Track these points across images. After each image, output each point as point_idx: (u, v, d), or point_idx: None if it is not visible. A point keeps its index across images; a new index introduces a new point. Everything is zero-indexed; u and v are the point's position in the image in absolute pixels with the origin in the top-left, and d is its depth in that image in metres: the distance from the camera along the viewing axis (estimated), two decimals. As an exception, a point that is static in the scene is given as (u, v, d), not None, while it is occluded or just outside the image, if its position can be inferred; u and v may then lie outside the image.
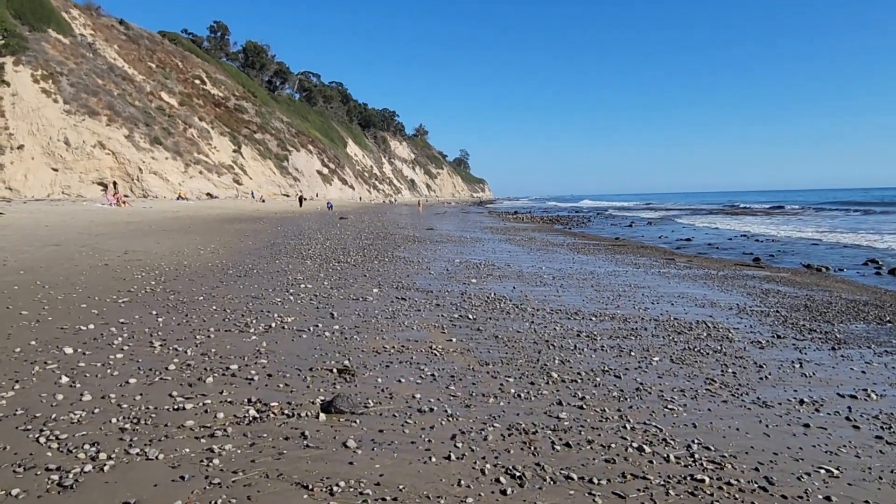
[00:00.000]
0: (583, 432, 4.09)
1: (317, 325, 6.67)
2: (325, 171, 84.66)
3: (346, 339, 6.17)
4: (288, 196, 65.53)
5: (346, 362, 5.31)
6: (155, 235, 16.97)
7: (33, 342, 5.32)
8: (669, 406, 4.70)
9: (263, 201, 52.52)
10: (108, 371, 4.64)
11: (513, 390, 4.89)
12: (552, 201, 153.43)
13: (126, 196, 39.75)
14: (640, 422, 4.35)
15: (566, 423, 4.22)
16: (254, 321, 6.71)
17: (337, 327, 6.66)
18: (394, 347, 5.94)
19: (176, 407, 3.99)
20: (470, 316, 7.72)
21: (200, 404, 4.07)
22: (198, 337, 5.85)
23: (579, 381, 5.26)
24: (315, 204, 56.69)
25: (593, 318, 7.98)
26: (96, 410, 3.84)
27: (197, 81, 70.63)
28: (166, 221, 23.15)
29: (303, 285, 9.44)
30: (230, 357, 5.23)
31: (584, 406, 4.61)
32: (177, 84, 64.59)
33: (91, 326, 5.99)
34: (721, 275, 13.58)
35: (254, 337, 5.97)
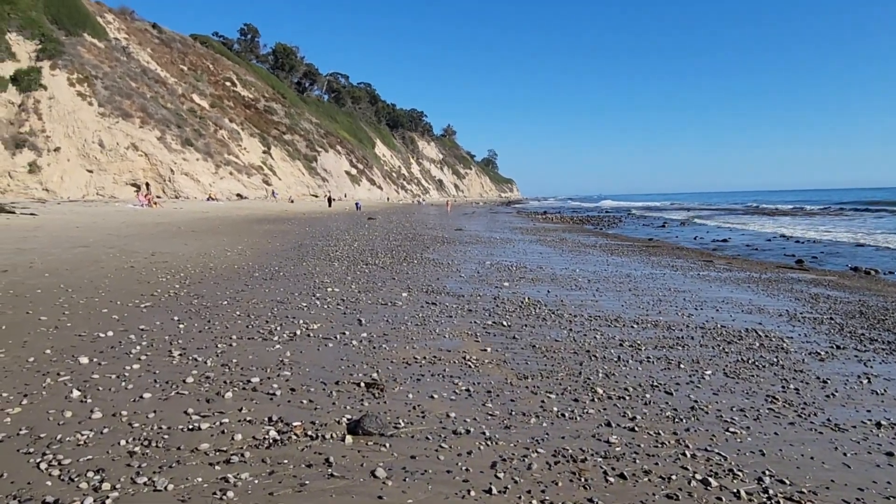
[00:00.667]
0: (637, 460, 3.65)
1: (343, 333, 6.33)
2: (354, 171, 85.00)
3: (374, 348, 5.82)
4: (316, 196, 65.89)
5: (375, 375, 4.95)
6: (183, 237, 16.94)
7: (48, 350, 5.08)
8: (731, 429, 4.22)
9: (292, 201, 52.83)
10: (123, 384, 4.36)
11: (555, 408, 4.47)
12: (578, 201, 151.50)
13: (158, 197, 40.33)
14: (701, 448, 3.89)
15: (618, 449, 3.79)
16: (278, 328, 6.40)
17: (365, 335, 6.31)
18: (425, 358, 5.56)
19: (191, 427, 3.67)
20: (504, 323, 7.30)
21: (217, 423, 3.75)
22: (219, 345, 5.56)
23: (627, 397, 4.81)
24: (343, 204, 56.86)
25: (635, 326, 7.50)
26: (105, 430, 3.54)
27: (227, 83, 71.55)
28: (195, 222, 23.23)
29: (330, 289, 9.14)
30: (252, 368, 4.92)
31: (636, 428, 4.17)
32: (208, 86, 65.51)
33: (110, 333, 5.75)
34: (765, 278, 12.92)
35: (277, 346, 5.65)
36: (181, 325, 6.23)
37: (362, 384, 4.69)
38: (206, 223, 23.07)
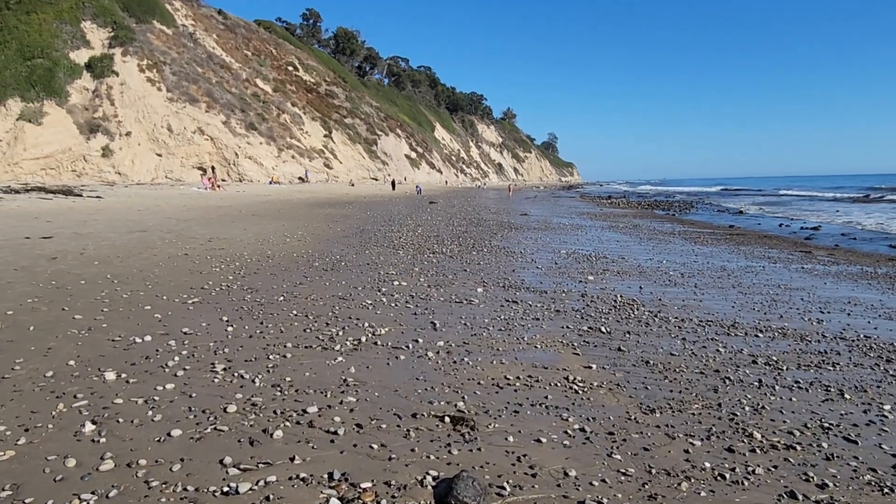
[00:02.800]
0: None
1: (416, 341, 5.30)
2: (413, 154, 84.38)
3: (454, 362, 4.75)
4: (376, 180, 65.66)
5: (461, 404, 3.87)
6: (243, 221, 16.44)
7: (72, 362, 4.27)
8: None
9: (353, 185, 52.65)
10: (150, 414, 3.45)
11: (708, 464, 3.27)
12: (643, 185, 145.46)
13: (223, 180, 40.80)
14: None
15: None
16: (340, 333, 5.43)
17: (441, 343, 5.25)
18: (518, 378, 4.45)
19: (226, 489, 2.68)
20: (602, 329, 6.09)
21: (261, 483, 2.75)
22: (271, 357, 4.62)
23: (797, 446, 3.55)
24: (404, 188, 56.26)
25: (759, 335, 6.14)
26: (112, 495, 2.62)
27: (290, 68, 72.01)
28: (257, 206, 22.89)
29: (396, 282, 8.15)
30: (308, 391, 3.94)
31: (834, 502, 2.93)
32: (271, 71, 66.04)
33: (147, 338, 4.91)
34: (882, 273, 11.10)
35: (340, 358, 4.67)
36: (229, 329, 5.34)
37: (447, 418, 3.63)
38: (267, 207, 22.69)
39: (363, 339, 5.25)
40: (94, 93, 41.17)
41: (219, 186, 33.35)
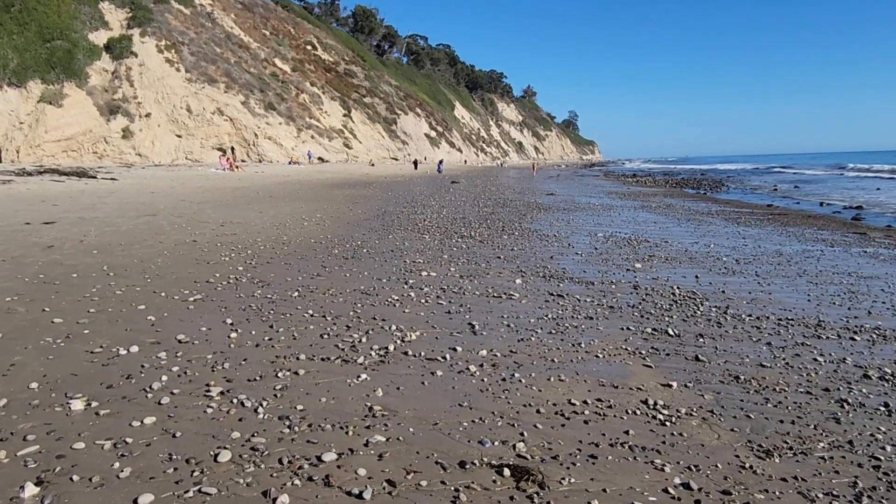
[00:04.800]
0: None
1: (454, 349, 4.41)
2: (433, 134, 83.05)
3: (503, 379, 3.86)
4: (396, 160, 64.67)
5: (521, 445, 2.98)
6: (260, 203, 15.66)
7: (35, 384, 3.45)
8: None
9: (373, 165, 51.76)
10: (115, 466, 2.60)
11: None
12: (666, 163, 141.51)
13: (243, 161, 40.22)
14: None
15: None
16: (363, 338, 4.57)
17: (484, 353, 4.36)
18: (585, 402, 3.54)
19: None
20: (670, 331, 5.14)
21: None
22: (280, 374, 3.77)
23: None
24: (425, 167, 55.20)
25: (855, 337, 5.15)
26: None
27: (308, 47, 70.87)
28: (275, 187, 22.12)
29: (424, 273, 7.26)
30: (324, 426, 3.08)
31: None
32: (289, 50, 64.99)
33: (134, 349, 4.09)
34: (961, 259, 9.93)
35: (363, 375, 3.79)
36: (232, 336, 4.50)
37: (505, 470, 2.74)
38: (285, 188, 21.91)
39: (391, 347, 4.38)
40: (114, 74, 40.70)
41: (237, 167, 32.71)
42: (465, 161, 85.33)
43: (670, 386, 3.86)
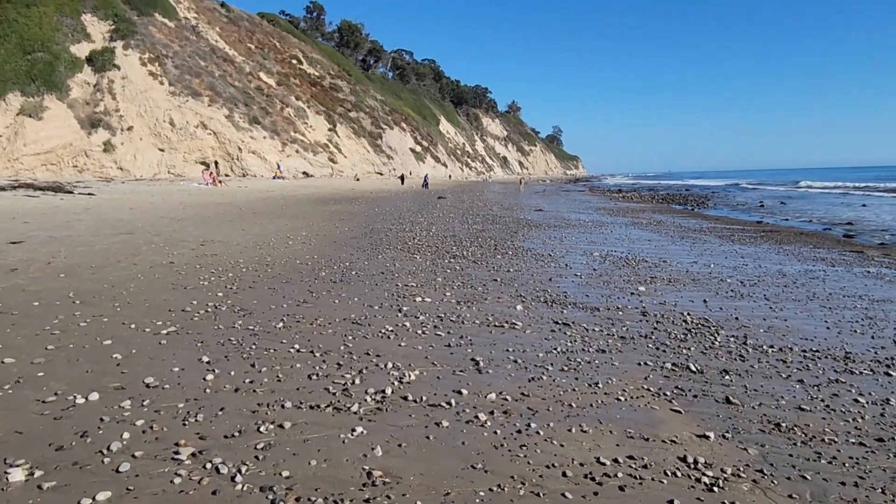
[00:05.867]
0: None
1: (459, 392, 3.94)
2: (419, 148, 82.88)
3: (518, 431, 3.39)
4: (381, 174, 64.27)
5: (548, 521, 2.53)
6: (242, 220, 15.09)
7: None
8: None
9: (358, 179, 51.28)
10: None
11: None
12: (650, 178, 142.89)
13: (226, 175, 39.53)
14: None
15: None
16: (357, 380, 4.08)
17: (493, 396, 3.90)
18: (616, 461, 3.08)
19: None
20: (692, 366, 4.73)
21: None
22: (262, 428, 3.25)
23: None
24: (411, 182, 54.82)
25: (891, 373, 4.78)
26: None
27: (294, 61, 70.56)
28: (258, 202, 21.52)
29: (418, 298, 6.79)
30: (315, 497, 2.57)
31: None
32: (274, 64, 64.60)
33: (94, 397, 3.56)
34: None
35: (359, 428, 3.30)
36: (209, 377, 3.98)
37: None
38: (269, 204, 21.33)
39: (388, 390, 3.89)
40: (96, 87, 39.91)
41: (220, 182, 32.04)
42: (450, 176, 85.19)
43: (707, 437, 3.43)
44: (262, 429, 3.26)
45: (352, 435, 3.24)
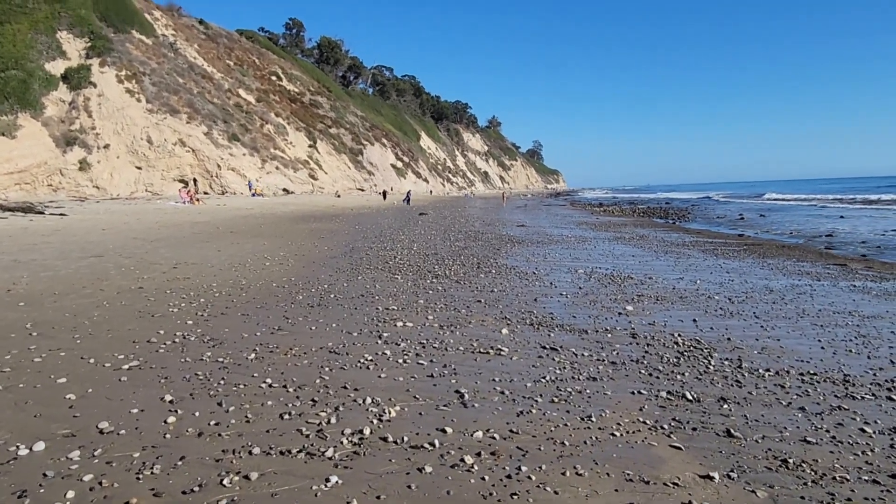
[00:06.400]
0: None
1: (443, 431, 3.66)
2: (399, 164, 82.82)
3: (507, 477, 3.12)
4: (363, 191, 63.96)
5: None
6: (219, 240, 14.68)
7: None
8: None
9: (339, 196, 50.92)
10: None
11: None
12: (627, 192, 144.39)
13: (205, 193, 38.93)
14: None
15: None
16: (332, 418, 3.78)
17: (480, 435, 3.63)
18: (612, 507, 2.84)
19: None
20: (688, 395, 4.50)
21: None
22: (226, 481, 2.94)
23: None
24: (393, 198, 54.59)
25: (893, 396, 4.61)
26: None
27: (273, 78, 70.29)
28: (237, 221, 21.09)
29: (399, 323, 6.51)
30: (282, 566, 2.31)
31: None
32: (254, 81, 64.27)
33: (39, 447, 3.22)
34: (947, 288, 9.75)
35: (333, 478, 3.00)
36: (170, 420, 3.66)
37: None
38: (247, 222, 20.92)
39: (366, 430, 3.60)
40: (71, 105, 39.27)
41: (198, 200, 31.49)
42: (431, 191, 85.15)
43: (711, 478, 3.18)
44: (225, 481, 2.94)
45: (325, 486, 2.94)
